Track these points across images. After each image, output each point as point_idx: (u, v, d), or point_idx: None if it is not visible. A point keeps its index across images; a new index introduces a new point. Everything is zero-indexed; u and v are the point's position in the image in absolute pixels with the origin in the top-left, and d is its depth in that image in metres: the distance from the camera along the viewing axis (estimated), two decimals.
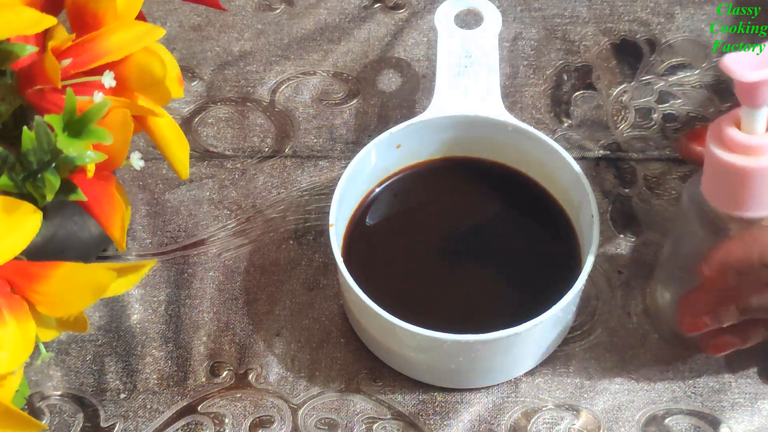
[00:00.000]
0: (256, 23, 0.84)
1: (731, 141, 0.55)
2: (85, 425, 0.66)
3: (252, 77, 0.81)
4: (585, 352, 0.68)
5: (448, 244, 0.69)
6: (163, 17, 0.84)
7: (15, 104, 0.57)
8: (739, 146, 0.55)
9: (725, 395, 0.66)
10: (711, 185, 0.58)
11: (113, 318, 0.70)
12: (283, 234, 0.73)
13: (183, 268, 0.72)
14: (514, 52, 0.81)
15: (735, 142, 0.55)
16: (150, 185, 0.75)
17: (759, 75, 0.52)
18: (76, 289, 0.52)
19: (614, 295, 0.70)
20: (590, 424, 0.65)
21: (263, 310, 0.70)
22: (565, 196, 0.69)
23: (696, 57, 0.80)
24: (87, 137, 0.53)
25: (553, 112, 0.78)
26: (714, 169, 0.57)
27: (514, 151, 0.70)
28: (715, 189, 0.58)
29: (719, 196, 0.58)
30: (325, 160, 0.76)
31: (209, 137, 0.78)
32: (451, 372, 0.65)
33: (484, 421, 0.65)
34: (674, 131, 0.77)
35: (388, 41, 0.82)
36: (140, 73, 0.56)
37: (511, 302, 0.66)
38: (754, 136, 0.55)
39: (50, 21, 0.54)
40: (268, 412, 0.66)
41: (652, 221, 0.72)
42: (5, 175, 0.53)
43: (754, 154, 0.55)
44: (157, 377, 0.67)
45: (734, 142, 0.55)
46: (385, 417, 0.66)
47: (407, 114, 0.78)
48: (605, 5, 0.84)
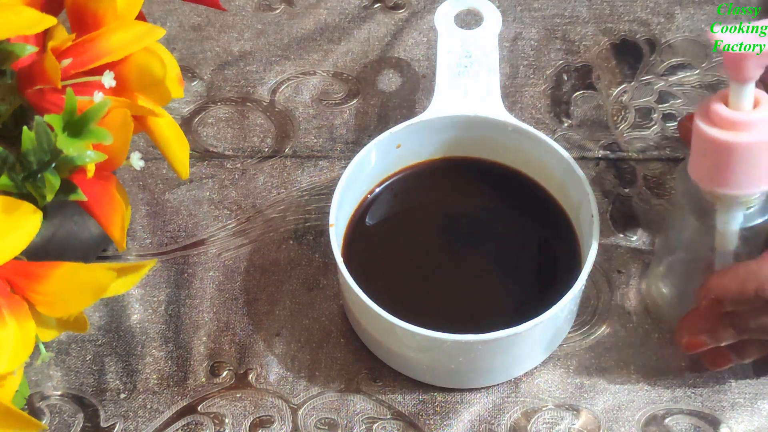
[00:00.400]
0: (256, 23, 0.84)
1: (718, 117, 0.55)
2: (85, 425, 0.66)
3: (252, 77, 0.81)
4: (585, 352, 0.68)
5: (448, 244, 0.69)
6: (163, 17, 0.84)
7: (15, 104, 0.57)
8: (726, 122, 0.55)
9: (725, 395, 0.66)
10: (697, 162, 0.58)
11: (113, 318, 0.70)
12: (283, 234, 0.73)
13: (183, 268, 0.72)
14: (514, 52, 0.81)
15: (721, 117, 0.55)
16: (150, 185, 0.75)
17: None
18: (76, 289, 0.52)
19: (614, 295, 0.70)
20: (590, 424, 0.65)
21: (263, 310, 0.70)
22: (565, 196, 0.69)
23: (696, 57, 0.80)
24: (87, 137, 0.53)
25: (553, 112, 0.78)
26: (700, 145, 0.57)
27: (514, 151, 0.70)
28: (701, 166, 0.58)
29: (705, 173, 0.58)
30: (325, 160, 0.76)
31: (209, 137, 0.78)
32: (451, 372, 0.65)
33: (484, 421, 0.65)
34: (674, 131, 0.77)
35: (388, 41, 0.82)
36: (140, 73, 0.56)
37: (511, 302, 0.66)
38: (740, 112, 0.55)
39: (50, 21, 0.54)
40: (268, 412, 0.66)
41: (652, 221, 0.72)
42: (5, 175, 0.53)
43: (740, 130, 0.55)
44: (157, 377, 0.67)
45: (721, 117, 0.55)
46: (385, 417, 0.66)
47: (407, 114, 0.78)
48: (605, 5, 0.84)
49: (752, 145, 0.55)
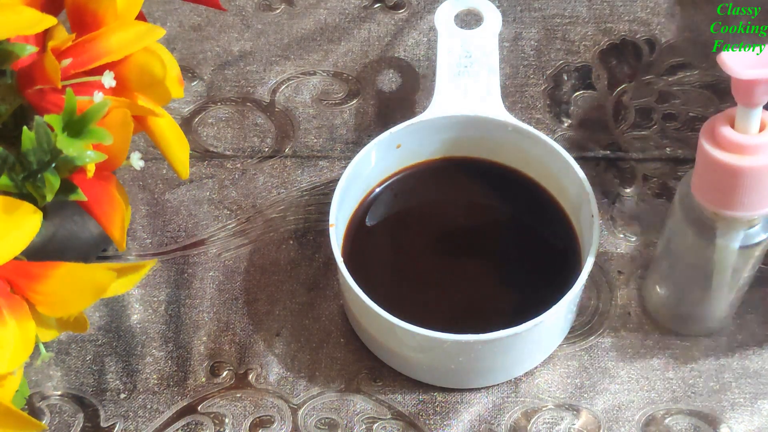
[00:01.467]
0: (256, 23, 0.84)
1: (724, 139, 0.55)
2: (85, 425, 0.66)
3: (252, 77, 0.81)
4: (585, 352, 0.68)
5: (448, 244, 0.69)
6: (163, 17, 0.84)
7: (15, 104, 0.57)
8: (732, 145, 0.55)
9: (725, 395, 0.66)
10: (701, 182, 0.58)
11: (113, 318, 0.70)
12: (283, 234, 0.73)
13: (183, 268, 0.72)
14: (514, 52, 0.81)
15: (728, 140, 0.55)
16: (150, 185, 0.75)
17: (756, 73, 0.52)
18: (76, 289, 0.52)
19: (614, 295, 0.70)
20: (590, 424, 0.65)
21: (263, 310, 0.70)
22: (565, 196, 0.69)
23: (696, 57, 0.80)
24: (87, 137, 0.53)
25: (553, 112, 0.78)
26: (705, 166, 0.57)
27: (514, 151, 0.70)
28: (705, 186, 0.58)
29: (709, 193, 0.58)
30: (325, 160, 0.76)
31: (209, 137, 0.78)
32: (451, 372, 0.65)
33: (484, 421, 0.65)
34: (674, 131, 0.77)
35: (388, 41, 0.82)
36: (140, 73, 0.56)
37: (511, 302, 0.66)
38: (747, 136, 0.55)
39: (50, 21, 0.54)
40: (268, 412, 0.66)
41: (652, 221, 0.72)
42: (5, 175, 0.53)
43: (746, 154, 0.55)
44: (157, 377, 0.67)
45: (727, 140, 0.55)
46: (385, 417, 0.66)
47: (407, 114, 0.78)
48: (605, 5, 0.84)
49: (758, 169, 0.55)
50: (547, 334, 0.65)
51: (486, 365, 0.65)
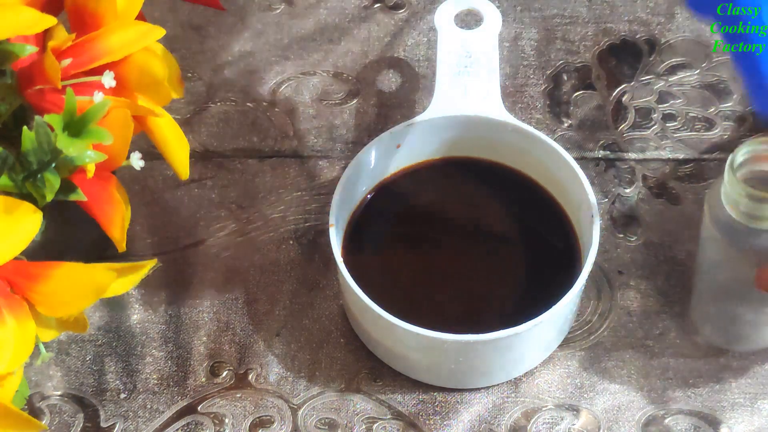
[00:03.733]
0: (256, 23, 0.84)
1: None
2: (85, 425, 0.66)
3: (252, 77, 0.81)
4: (585, 352, 0.68)
5: (448, 244, 0.69)
6: (163, 17, 0.84)
7: (15, 104, 0.57)
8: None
9: (725, 395, 0.66)
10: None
11: (113, 318, 0.70)
12: (283, 234, 0.73)
13: (183, 268, 0.72)
14: (514, 52, 0.81)
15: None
16: (150, 185, 0.75)
17: None
18: (76, 289, 0.52)
19: (614, 295, 0.70)
20: (590, 424, 0.65)
21: (263, 310, 0.70)
22: (565, 196, 0.69)
23: (696, 57, 0.80)
24: (87, 137, 0.53)
25: (553, 112, 0.78)
26: None
27: (515, 151, 0.70)
28: None
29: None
30: (325, 160, 0.76)
31: (209, 137, 0.78)
32: (451, 372, 0.65)
33: (484, 421, 0.65)
34: (674, 131, 0.77)
35: (388, 41, 0.82)
36: (140, 73, 0.56)
37: (511, 302, 0.66)
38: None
39: (50, 21, 0.54)
40: (268, 412, 0.66)
41: (652, 221, 0.72)
42: (5, 175, 0.54)
43: None
44: (157, 377, 0.67)
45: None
46: (385, 417, 0.66)
47: (407, 114, 0.78)
48: (605, 5, 0.84)
49: None
50: (547, 334, 0.65)
51: (486, 365, 0.65)
